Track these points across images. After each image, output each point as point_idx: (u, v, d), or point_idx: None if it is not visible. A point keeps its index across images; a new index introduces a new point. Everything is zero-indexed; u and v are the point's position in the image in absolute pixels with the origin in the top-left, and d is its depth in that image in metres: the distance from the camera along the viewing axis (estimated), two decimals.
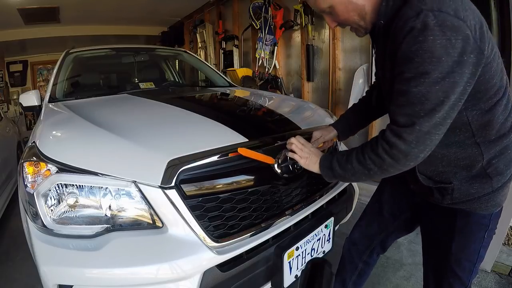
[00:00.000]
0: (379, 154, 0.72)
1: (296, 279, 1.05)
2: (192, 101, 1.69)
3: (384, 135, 0.71)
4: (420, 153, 0.68)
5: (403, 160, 0.69)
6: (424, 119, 0.64)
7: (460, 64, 0.60)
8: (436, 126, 0.65)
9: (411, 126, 0.65)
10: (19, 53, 6.16)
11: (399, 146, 0.68)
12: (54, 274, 0.83)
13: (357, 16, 0.77)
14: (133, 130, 1.07)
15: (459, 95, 0.63)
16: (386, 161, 0.71)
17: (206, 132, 1.08)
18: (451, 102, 0.63)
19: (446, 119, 0.65)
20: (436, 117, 0.63)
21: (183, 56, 2.80)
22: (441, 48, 0.59)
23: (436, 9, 0.60)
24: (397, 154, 0.69)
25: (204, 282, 0.85)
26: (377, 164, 0.73)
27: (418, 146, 0.66)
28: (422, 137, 0.65)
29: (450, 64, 0.60)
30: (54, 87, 1.78)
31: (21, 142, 3.55)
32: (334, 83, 2.97)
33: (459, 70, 0.60)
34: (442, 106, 0.62)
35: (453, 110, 0.64)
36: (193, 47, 5.49)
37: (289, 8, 3.33)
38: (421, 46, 0.60)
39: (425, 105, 0.63)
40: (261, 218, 1.00)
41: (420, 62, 0.61)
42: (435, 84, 0.61)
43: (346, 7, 0.75)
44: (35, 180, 0.90)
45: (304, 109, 1.60)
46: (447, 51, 0.59)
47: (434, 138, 0.66)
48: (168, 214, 0.87)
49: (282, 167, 1.03)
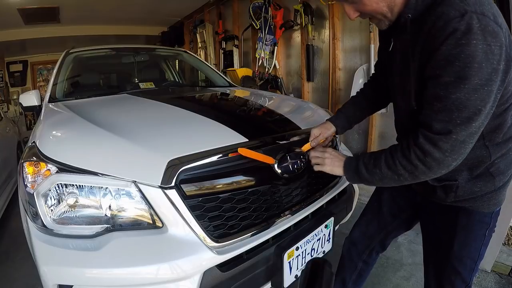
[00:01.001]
0: (412, 160, 0.70)
1: (296, 279, 1.05)
2: (192, 101, 1.69)
3: (418, 141, 0.69)
4: (453, 161, 0.67)
5: (436, 168, 0.69)
6: (461, 128, 0.63)
7: (496, 71, 0.59)
8: (471, 135, 0.64)
9: (448, 134, 0.64)
10: (19, 53, 6.17)
11: (434, 154, 0.67)
12: (54, 274, 0.83)
13: (386, 7, 0.72)
14: (133, 130, 1.07)
15: (493, 103, 0.62)
16: (419, 168, 0.70)
17: (206, 132, 1.08)
18: (487, 111, 0.62)
19: (480, 128, 0.64)
20: (473, 126, 0.63)
21: (183, 56, 2.80)
22: (482, 53, 0.58)
23: (480, 12, 0.58)
24: (430, 162, 0.68)
25: (204, 282, 0.85)
26: (408, 170, 0.72)
27: (452, 155, 0.66)
28: (457, 146, 0.65)
29: (489, 71, 0.59)
30: (54, 87, 1.78)
31: (21, 142, 3.55)
32: (334, 83, 2.97)
33: (495, 78, 0.60)
34: (479, 115, 0.62)
35: (487, 119, 0.64)
36: (193, 47, 5.50)
37: (289, 8, 3.33)
38: (463, 50, 0.58)
39: (463, 112, 0.62)
40: (261, 218, 1.00)
41: (461, 66, 0.59)
42: (474, 92, 0.60)
43: None
44: (35, 180, 0.90)
45: (304, 109, 1.60)
46: (487, 57, 0.58)
47: (468, 147, 0.65)
48: (168, 214, 0.87)
49: (282, 167, 1.03)
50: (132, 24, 5.81)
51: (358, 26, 2.74)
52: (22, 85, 6.46)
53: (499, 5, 1.76)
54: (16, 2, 3.91)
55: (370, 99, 1.10)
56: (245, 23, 3.89)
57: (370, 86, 1.10)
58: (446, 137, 0.64)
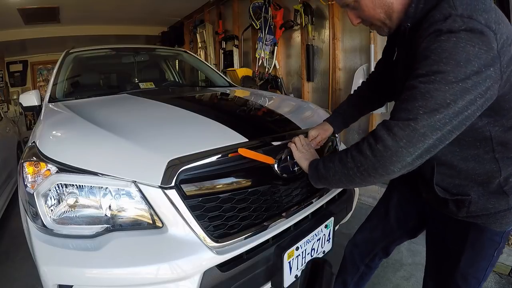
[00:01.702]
0: (362, 149, 0.65)
1: (296, 279, 1.05)
2: (192, 101, 1.69)
3: (374, 130, 0.66)
4: (407, 155, 0.60)
5: (386, 160, 0.62)
6: (422, 117, 0.58)
7: (478, 74, 0.56)
8: (433, 130, 0.59)
9: (406, 121, 0.60)
10: (19, 53, 6.17)
11: (386, 140, 0.61)
12: (54, 274, 0.82)
13: (384, 14, 0.73)
14: (133, 130, 1.07)
15: (468, 104, 0.58)
16: (368, 159, 0.64)
17: (206, 132, 1.08)
18: (457, 109, 0.58)
19: (446, 126, 0.59)
20: (436, 118, 0.58)
21: (183, 56, 2.80)
22: (463, 52, 0.56)
23: (466, 15, 0.57)
24: (381, 151, 0.62)
25: (204, 282, 0.85)
26: (356, 163, 0.67)
27: (407, 147, 0.60)
28: (415, 137, 0.59)
29: (468, 72, 0.56)
30: (54, 87, 1.78)
31: (21, 142, 3.55)
32: (334, 83, 2.97)
33: (475, 79, 0.57)
34: (446, 108, 0.57)
35: (457, 119, 0.59)
36: (193, 47, 5.50)
37: (289, 8, 3.33)
38: (441, 45, 0.58)
39: (428, 102, 0.58)
40: (261, 218, 1.00)
41: (436, 60, 0.58)
42: (445, 85, 0.57)
43: (373, 2, 0.71)
44: (35, 180, 0.90)
45: (304, 109, 1.60)
46: (468, 58, 0.56)
47: (428, 143, 0.59)
48: (168, 214, 0.87)
49: (282, 167, 1.03)
50: (132, 24, 5.81)
51: (358, 26, 2.73)
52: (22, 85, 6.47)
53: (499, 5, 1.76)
54: (16, 2, 3.91)
55: (367, 99, 1.09)
56: (245, 23, 3.89)
57: (368, 85, 1.10)
58: (404, 124, 0.60)
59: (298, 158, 0.92)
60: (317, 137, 1.09)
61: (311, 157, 0.90)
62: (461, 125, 0.60)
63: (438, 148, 0.61)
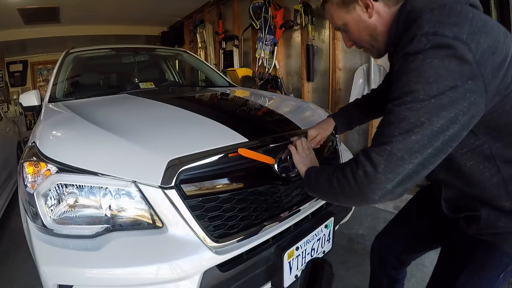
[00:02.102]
0: (345, 173, 0.65)
1: (296, 279, 1.05)
2: (192, 101, 1.69)
3: (356, 155, 0.65)
4: (387, 182, 0.58)
5: (366, 186, 0.60)
6: (397, 139, 0.56)
7: (454, 89, 0.54)
8: (411, 153, 0.56)
9: (382, 146, 0.58)
10: (19, 53, 6.17)
11: (366, 166, 0.60)
12: (54, 274, 0.83)
13: (368, 36, 0.75)
14: (133, 130, 1.07)
15: (449, 122, 0.55)
16: (350, 182, 0.63)
17: (206, 132, 1.08)
18: (435, 128, 0.55)
19: (426, 148, 0.56)
20: (412, 140, 0.55)
21: (183, 56, 2.80)
22: (431, 68, 0.55)
23: (431, 33, 0.56)
24: (361, 177, 0.60)
25: (204, 282, 0.85)
26: (340, 184, 0.66)
27: (385, 172, 0.57)
28: (392, 162, 0.57)
29: (440, 87, 0.54)
30: (54, 87, 1.78)
31: (21, 142, 3.55)
32: (334, 83, 2.97)
33: (451, 94, 0.54)
34: (421, 128, 0.55)
35: (438, 140, 0.56)
36: (193, 47, 5.50)
37: (289, 8, 3.33)
38: (409, 66, 0.58)
39: (402, 123, 0.56)
40: (261, 218, 1.00)
41: (406, 81, 0.58)
42: (417, 103, 0.55)
43: (358, 26, 0.74)
44: (35, 180, 0.90)
45: (304, 109, 1.60)
46: (437, 73, 0.54)
47: (408, 167, 0.56)
48: (168, 214, 0.87)
49: (282, 167, 1.03)
50: (132, 24, 5.81)
51: None
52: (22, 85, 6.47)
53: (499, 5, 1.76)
54: (16, 2, 3.91)
55: (375, 103, 1.08)
56: (245, 23, 3.89)
57: (377, 92, 1.09)
58: (380, 149, 0.58)
59: (297, 162, 0.92)
60: (316, 136, 1.09)
61: (309, 163, 0.90)
62: (446, 147, 0.57)
63: (422, 174, 0.59)
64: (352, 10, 0.74)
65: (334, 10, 0.77)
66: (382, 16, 0.72)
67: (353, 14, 0.74)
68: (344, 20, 0.76)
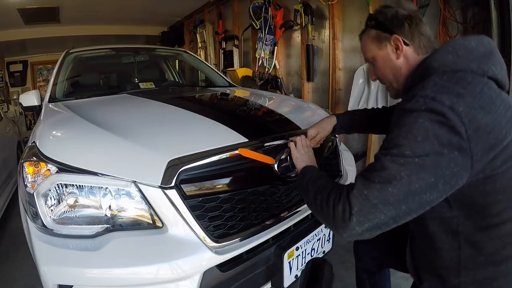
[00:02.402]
0: (329, 200, 0.65)
1: (296, 279, 1.05)
2: (192, 101, 1.69)
3: (343, 189, 0.65)
4: (357, 225, 0.58)
5: (339, 222, 0.61)
6: (375, 187, 0.57)
7: (439, 155, 0.55)
8: (385, 204, 0.56)
9: (361, 189, 0.59)
10: (19, 53, 6.17)
11: (345, 204, 0.60)
12: (54, 274, 0.83)
13: (392, 76, 0.78)
14: (133, 130, 1.07)
15: (427, 186, 0.55)
16: (329, 211, 0.64)
17: (206, 132, 1.08)
18: (413, 187, 0.55)
19: (400, 204, 0.56)
20: (389, 191, 0.56)
21: (183, 56, 2.79)
22: (421, 128, 0.56)
23: (430, 97, 0.58)
24: (339, 212, 0.61)
25: (204, 282, 0.85)
26: (322, 206, 0.67)
27: (358, 215, 0.58)
28: (366, 207, 0.57)
29: (426, 149, 0.55)
30: (54, 87, 1.78)
31: (21, 142, 3.54)
32: (334, 83, 2.97)
33: (435, 159, 0.55)
34: (399, 182, 0.55)
35: (413, 199, 0.56)
36: (193, 47, 5.50)
37: (289, 8, 3.33)
38: (403, 121, 0.59)
39: (383, 173, 0.58)
40: (261, 218, 1.00)
41: (396, 134, 0.59)
42: (401, 157, 0.57)
43: (384, 63, 0.77)
44: (35, 180, 0.90)
45: (304, 109, 1.60)
46: (426, 135, 0.55)
47: (379, 217, 0.57)
48: (168, 214, 0.87)
49: (282, 167, 1.03)
50: (132, 24, 5.81)
51: (358, 26, 2.74)
52: (22, 85, 6.46)
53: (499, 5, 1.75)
54: (16, 2, 3.91)
55: (381, 120, 1.04)
56: (245, 23, 3.89)
57: (388, 111, 1.07)
58: (358, 191, 0.59)
59: (295, 158, 0.92)
60: (316, 136, 1.09)
61: (308, 161, 0.90)
62: (420, 209, 0.58)
63: (391, 227, 0.59)
64: (383, 47, 0.77)
65: (368, 42, 0.80)
66: (409, 60, 0.74)
67: (383, 51, 0.77)
68: (374, 55, 0.79)
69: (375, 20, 0.78)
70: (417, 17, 0.74)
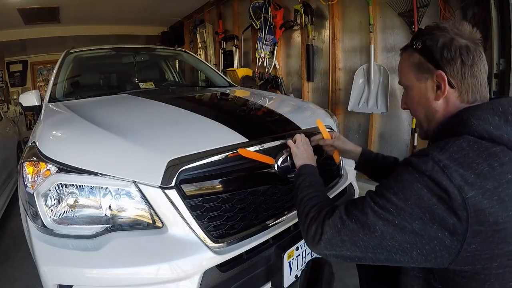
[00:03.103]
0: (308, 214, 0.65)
1: (296, 279, 1.05)
2: (192, 101, 1.69)
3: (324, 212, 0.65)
4: (325, 249, 0.60)
5: (309, 239, 0.62)
6: (349, 225, 0.57)
7: (424, 226, 0.50)
8: (353, 244, 0.56)
9: (336, 221, 0.59)
10: (19, 53, 6.16)
11: (317, 227, 0.61)
12: (54, 274, 0.83)
13: (423, 116, 0.68)
14: (133, 130, 1.07)
15: (398, 248, 0.53)
16: (305, 225, 0.65)
17: (206, 132, 1.08)
18: (384, 244, 0.53)
19: (367, 251, 0.55)
20: (359, 236, 0.55)
21: (183, 56, 2.79)
22: (416, 194, 0.51)
23: (442, 165, 0.50)
24: (310, 230, 0.62)
25: (204, 282, 0.85)
26: (301, 215, 0.68)
27: (326, 243, 0.59)
28: (335, 239, 0.58)
29: (413, 215, 0.51)
30: (54, 87, 1.78)
31: (21, 142, 3.54)
32: (334, 83, 2.97)
33: (418, 229, 0.51)
34: (371, 234, 0.54)
35: (381, 253, 0.54)
36: (193, 47, 5.49)
37: (289, 8, 3.33)
38: (402, 176, 0.54)
39: (361, 216, 0.56)
40: (261, 218, 1.00)
41: (389, 184, 0.56)
42: (383, 210, 0.54)
43: (419, 98, 0.66)
44: (35, 180, 0.90)
45: (304, 109, 1.60)
46: (418, 203, 0.51)
47: (345, 252, 0.58)
48: (168, 214, 0.86)
49: (282, 168, 1.03)
50: (132, 24, 5.81)
51: (358, 26, 2.74)
52: (22, 85, 6.46)
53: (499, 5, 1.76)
54: (16, 2, 3.90)
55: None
56: (245, 23, 3.89)
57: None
58: (334, 222, 0.59)
59: (294, 154, 0.92)
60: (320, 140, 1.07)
61: (307, 158, 0.90)
62: (387, 262, 0.56)
63: (359, 262, 0.58)
64: (423, 80, 0.65)
65: (407, 66, 0.68)
66: (448, 106, 0.62)
67: (421, 84, 0.65)
68: (410, 84, 0.68)
69: (423, 42, 0.63)
70: (476, 51, 0.59)
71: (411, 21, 2.25)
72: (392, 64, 2.50)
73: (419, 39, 0.64)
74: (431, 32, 0.63)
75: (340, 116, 2.98)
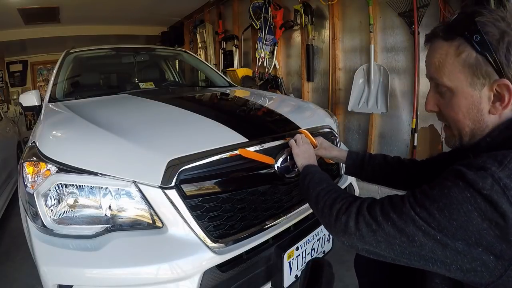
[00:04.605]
0: (333, 207, 0.63)
1: (296, 279, 1.05)
2: (192, 101, 1.69)
3: (354, 200, 0.62)
4: (358, 243, 0.57)
5: (340, 232, 0.59)
6: (387, 228, 0.52)
7: (467, 247, 0.46)
8: (389, 246, 0.53)
9: (371, 221, 0.55)
10: (19, 53, 6.16)
11: (350, 220, 0.58)
12: (54, 274, 0.83)
13: (468, 128, 0.56)
14: (133, 130, 1.07)
15: (436, 259, 0.49)
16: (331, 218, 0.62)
17: (206, 132, 1.08)
18: (422, 253, 0.50)
19: (403, 256, 0.53)
20: (396, 243, 0.52)
21: (183, 56, 2.80)
22: (464, 215, 0.45)
23: (503, 184, 0.43)
24: (341, 223, 0.59)
25: (204, 282, 0.85)
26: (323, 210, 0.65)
27: (359, 239, 0.56)
28: (369, 237, 0.55)
29: (457, 235, 0.46)
30: (54, 87, 1.78)
31: (21, 142, 3.54)
32: (334, 83, 2.97)
33: (461, 247, 0.46)
34: (410, 244, 0.50)
35: (417, 260, 0.51)
36: (193, 47, 5.49)
37: (289, 8, 3.33)
38: (450, 191, 0.47)
39: (400, 223, 0.51)
40: (261, 218, 1.00)
41: (434, 197, 0.49)
42: (424, 223, 0.49)
43: (466, 108, 0.54)
44: (35, 180, 0.90)
45: (304, 109, 1.60)
46: (466, 225, 0.45)
47: (378, 250, 0.55)
48: (168, 214, 0.87)
49: (282, 168, 1.03)
50: (132, 24, 5.81)
51: (358, 26, 2.74)
52: (22, 85, 6.46)
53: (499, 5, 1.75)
54: (16, 2, 3.91)
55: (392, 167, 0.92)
56: (245, 23, 3.89)
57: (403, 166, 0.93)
58: (372, 219, 0.55)
59: (295, 154, 0.92)
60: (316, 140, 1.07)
61: (308, 158, 0.90)
62: (421, 267, 0.53)
63: (392, 262, 0.56)
64: (478, 86, 0.52)
65: (456, 63, 0.53)
66: (501, 118, 0.53)
67: (474, 91, 0.53)
68: (459, 87, 0.54)
69: (484, 36, 0.49)
70: None
71: (411, 21, 2.25)
72: (392, 64, 2.50)
73: (477, 30, 0.49)
74: (493, 23, 0.48)
75: (340, 116, 2.98)
